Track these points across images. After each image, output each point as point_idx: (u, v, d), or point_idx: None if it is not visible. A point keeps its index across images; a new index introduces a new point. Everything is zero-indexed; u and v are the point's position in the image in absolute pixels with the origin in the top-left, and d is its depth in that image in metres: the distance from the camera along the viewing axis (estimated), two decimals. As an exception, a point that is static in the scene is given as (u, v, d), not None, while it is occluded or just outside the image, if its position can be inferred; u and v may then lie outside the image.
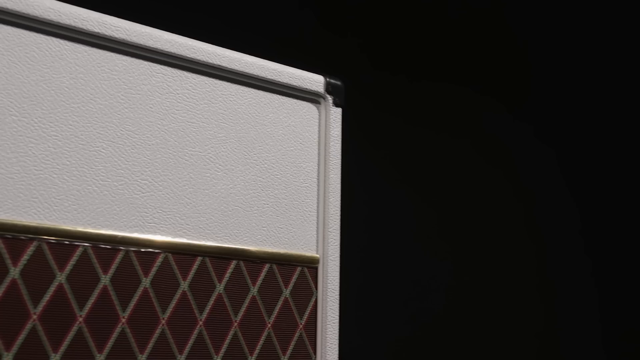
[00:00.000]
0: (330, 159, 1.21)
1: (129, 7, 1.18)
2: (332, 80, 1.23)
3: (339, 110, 1.23)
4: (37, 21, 0.96)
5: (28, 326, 0.90)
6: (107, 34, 1.01)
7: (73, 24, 0.98)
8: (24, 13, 0.94)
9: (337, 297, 1.19)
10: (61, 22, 0.97)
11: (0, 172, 0.91)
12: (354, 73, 1.70)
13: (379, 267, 2.02)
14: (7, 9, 0.93)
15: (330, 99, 1.22)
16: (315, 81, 1.21)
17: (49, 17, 0.96)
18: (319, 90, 1.21)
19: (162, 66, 1.06)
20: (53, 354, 0.91)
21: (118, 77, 1.02)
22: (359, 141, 1.58)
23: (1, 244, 0.90)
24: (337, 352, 1.18)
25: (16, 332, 0.89)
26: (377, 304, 2.00)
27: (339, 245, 1.20)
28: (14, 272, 0.91)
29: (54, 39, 0.97)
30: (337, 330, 1.18)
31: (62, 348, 0.92)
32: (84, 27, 0.99)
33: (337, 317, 1.19)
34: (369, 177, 2.02)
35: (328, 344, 1.17)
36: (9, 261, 0.90)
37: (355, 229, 1.34)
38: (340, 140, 1.23)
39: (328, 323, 1.17)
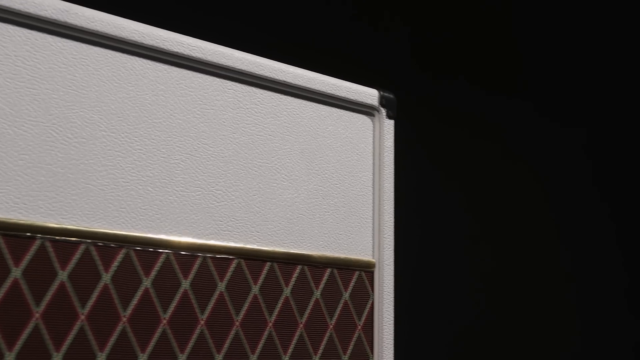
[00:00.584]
0: (384, 168, 1.28)
1: (203, 27, 1.24)
2: (385, 94, 1.29)
3: (392, 122, 1.30)
4: (124, 42, 1.02)
5: (119, 328, 0.97)
6: (185, 53, 1.07)
7: (155, 44, 1.05)
8: (112, 35, 1.01)
9: (392, 299, 1.26)
10: (144, 42, 1.04)
11: (93, 184, 0.97)
12: (406, 84, 1.79)
13: (430, 270, 2.11)
14: (98, 31, 0.99)
15: (383, 111, 1.29)
16: (370, 95, 1.28)
17: (133, 39, 1.03)
18: (374, 103, 1.28)
19: (233, 83, 1.13)
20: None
21: (194, 93, 1.09)
22: (412, 150, 1.66)
23: (94, 250, 0.96)
24: (392, 352, 1.24)
25: (108, 333, 0.96)
26: (428, 306, 2.10)
27: (393, 250, 1.27)
28: (106, 277, 0.97)
29: (137, 58, 1.04)
30: (392, 330, 1.25)
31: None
32: (164, 47, 1.05)
33: (392, 318, 1.25)
34: (422, 185, 2.10)
35: (384, 343, 1.24)
36: (101, 268, 0.97)
37: (408, 234, 1.41)
38: (392, 150, 1.29)
39: (384, 324, 1.24)
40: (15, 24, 0.94)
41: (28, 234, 0.92)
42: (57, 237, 0.93)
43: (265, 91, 1.16)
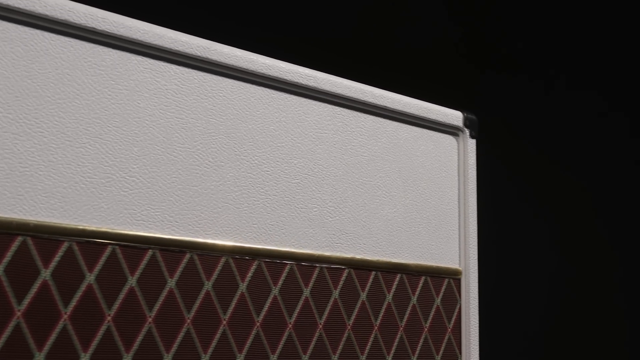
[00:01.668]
0: (469, 184, 1.39)
1: (309, 58, 1.35)
2: (469, 115, 1.40)
3: (474, 141, 1.41)
4: (253, 74, 1.14)
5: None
6: (302, 83, 1.18)
7: (279, 75, 1.16)
8: (244, 69, 1.12)
9: (477, 304, 1.37)
10: (270, 74, 1.15)
11: (230, 203, 1.09)
12: (489, 106, 1.93)
13: (510, 276, 2.29)
14: (233, 65, 1.11)
15: (467, 131, 1.40)
16: (455, 117, 1.39)
17: (262, 71, 1.14)
18: (459, 124, 1.39)
19: (341, 108, 1.24)
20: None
21: (310, 119, 1.20)
22: (494, 167, 1.81)
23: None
24: (477, 352, 1.36)
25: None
26: (509, 309, 2.28)
27: (477, 259, 1.38)
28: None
29: (265, 89, 1.15)
30: (477, 332, 1.36)
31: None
32: (287, 78, 1.17)
33: (477, 321, 1.37)
34: (503, 199, 2.26)
35: (471, 344, 1.35)
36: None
37: (490, 244, 1.53)
38: (475, 167, 1.41)
39: (470, 326, 1.35)
40: (167, 60, 1.05)
41: (179, 248, 1.04)
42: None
43: (368, 115, 1.28)
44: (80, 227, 0.95)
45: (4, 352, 0.88)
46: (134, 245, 1.00)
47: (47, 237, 0.93)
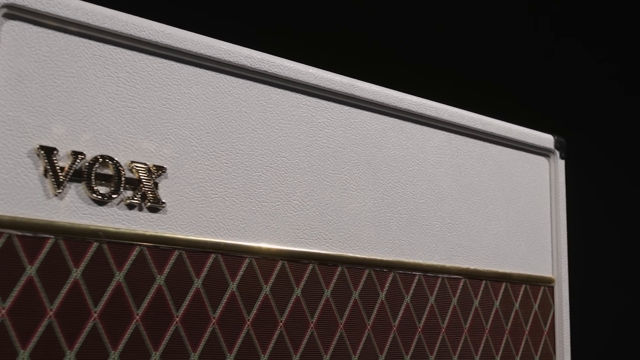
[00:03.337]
0: (559, 201, 1.54)
1: (395, 78, 1.50)
2: (559, 138, 1.55)
3: (563, 162, 1.56)
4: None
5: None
6: (425, 113, 1.33)
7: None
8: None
9: (568, 309, 1.52)
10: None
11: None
12: (578, 127, 2.13)
13: (599, 286, 2.51)
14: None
15: (557, 153, 1.55)
16: (547, 139, 1.54)
17: (396, 104, 1.29)
18: (550, 147, 1.54)
19: (455, 135, 1.39)
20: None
21: (430, 146, 1.35)
22: (582, 184, 2.03)
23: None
24: (569, 353, 1.51)
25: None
26: (597, 315, 2.47)
27: (567, 269, 1.53)
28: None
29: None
30: (569, 335, 1.51)
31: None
32: (413, 109, 1.32)
33: (569, 325, 1.51)
34: (591, 215, 2.47)
35: (564, 346, 1.50)
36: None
37: (579, 255, 1.68)
38: (564, 186, 1.55)
39: (563, 330, 1.50)
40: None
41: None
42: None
43: (477, 141, 1.43)
44: (257, 245, 1.11)
45: (166, 353, 1.02)
46: (297, 260, 1.15)
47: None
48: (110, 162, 0.99)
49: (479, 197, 1.41)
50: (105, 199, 0.98)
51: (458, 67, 2.47)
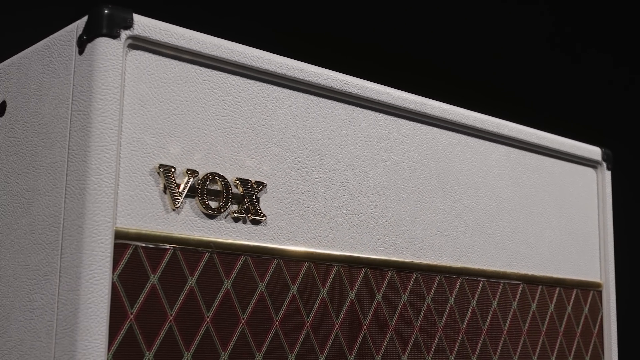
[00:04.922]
0: (606, 210, 1.63)
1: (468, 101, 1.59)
2: (606, 150, 1.64)
3: (609, 172, 1.65)
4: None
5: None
6: (489, 129, 1.42)
7: (459, 121, 1.40)
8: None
9: (615, 312, 1.61)
10: (469, 123, 1.39)
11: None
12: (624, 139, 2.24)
13: None
14: (429, 113, 1.35)
15: (604, 164, 1.64)
16: (594, 152, 1.63)
17: (463, 121, 1.38)
18: (597, 158, 1.63)
19: (513, 149, 1.48)
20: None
21: (491, 159, 1.44)
22: (628, 194, 2.15)
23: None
24: (617, 353, 1.60)
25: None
26: None
27: (614, 274, 1.62)
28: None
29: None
30: (616, 337, 1.60)
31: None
32: (478, 125, 1.40)
33: (616, 328, 1.60)
34: (636, 223, 2.59)
35: (612, 347, 1.59)
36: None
37: (626, 261, 1.78)
38: (611, 196, 1.64)
39: (611, 332, 1.59)
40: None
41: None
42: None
43: (532, 154, 1.51)
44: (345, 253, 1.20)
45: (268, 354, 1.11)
46: (377, 267, 1.24)
47: (322, 263, 1.18)
48: (219, 179, 1.07)
49: (535, 207, 1.50)
50: (215, 212, 1.07)
51: (516, 88, 2.64)
